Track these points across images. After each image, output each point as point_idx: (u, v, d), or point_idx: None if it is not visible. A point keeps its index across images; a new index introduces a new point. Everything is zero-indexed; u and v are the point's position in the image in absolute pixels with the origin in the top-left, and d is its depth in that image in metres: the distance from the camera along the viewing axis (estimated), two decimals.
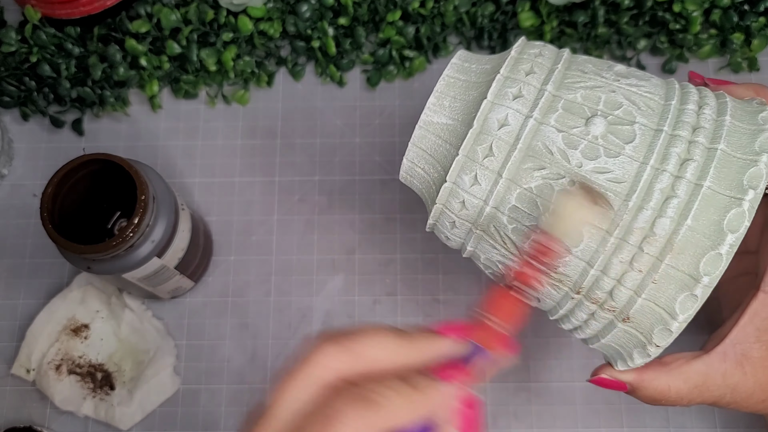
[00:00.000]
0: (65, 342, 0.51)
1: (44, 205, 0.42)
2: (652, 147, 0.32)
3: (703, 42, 0.55)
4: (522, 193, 0.33)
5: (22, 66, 0.57)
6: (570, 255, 0.32)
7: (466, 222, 0.35)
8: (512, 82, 0.34)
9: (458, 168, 0.34)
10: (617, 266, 0.32)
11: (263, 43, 0.58)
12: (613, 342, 0.34)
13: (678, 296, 0.31)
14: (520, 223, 0.33)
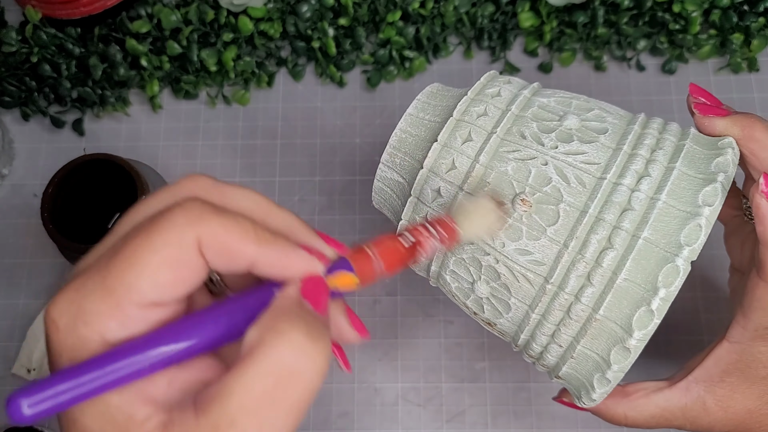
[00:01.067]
0: None
1: (45, 205, 0.42)
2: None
3: (702, 42, 0.55)
4: (497, 175, 0.34)
5: (23, 66, 0.57)
6: (544, 236, 0.33)
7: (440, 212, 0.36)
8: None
9: (435, 155, 0.36)
10: (594, 245, 0.32)
11: (263, 43, 0.58)
12: (588, 348, 0.33)
13: (659, 270, 0.31)
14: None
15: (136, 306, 0.22)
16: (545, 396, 0.50)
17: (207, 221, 0.23)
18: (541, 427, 0.50)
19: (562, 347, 0.34)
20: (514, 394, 0.51)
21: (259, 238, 0.23)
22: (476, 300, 0.36)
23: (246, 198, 0.26)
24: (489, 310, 0.36)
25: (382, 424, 0.51)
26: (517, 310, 0.34)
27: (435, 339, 0.52)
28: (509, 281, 0.34)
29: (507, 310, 0.35)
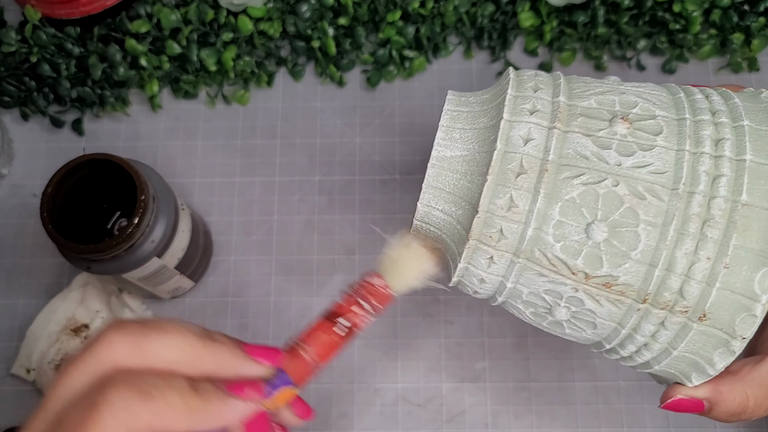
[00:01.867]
0: (65, 342, 0.51)
1: (44, 205, 0.42)
2: (681, 134, 0.30)
3: (703, 42, 0.55)
4: (565, 205, 0.30)
5: (22, 66, 0.57)
6: (629, 260, 0.30)
7: (506, 253, 0.32)
8: (523, 99, 0.32)
9: (489, 194, 0.31)
10: (682, 260, 0.30)
11: (263, 43, 0.58)
12: (687, 352, 0.32)
13: (755, 275, 0.29)
14: (567, 239, 0.31)
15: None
16: (545, 396, 0.50)
17: (134, 413, 0.23)
18: (541, 426, 0.50)
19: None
20: (514, 394, 0.51)
21: (189, 409, 0.24)
22: (554, 322, 0.34)
23: (170, 348, 0.25)
24: (570, 329, 0.34)
25: (382, 425, 0.50)
26: (603, 327, 0.33)
27: (435, 339, 0.52)
28: (594, 306, 0.32)
29: (592, 327, 0.33)
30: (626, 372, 0.51)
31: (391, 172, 0.56)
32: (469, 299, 0.52)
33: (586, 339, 0.34)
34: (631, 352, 0.33)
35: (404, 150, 0.57)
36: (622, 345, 0.33)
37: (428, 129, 0.57)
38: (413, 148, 0.57)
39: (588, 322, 0.33)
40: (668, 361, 0.32)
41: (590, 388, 0.50)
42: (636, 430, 0.50)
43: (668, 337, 0.31)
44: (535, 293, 0.33)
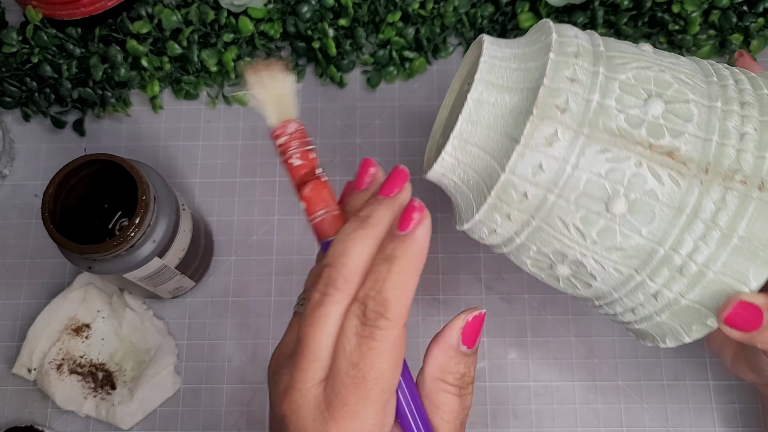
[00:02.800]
0: (66, 342, 0.52)
1: (45, 205, 0.43)
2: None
3: (702, 43, 0.56)
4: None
5: (24, 67, 0.57)
6: (686, 134, 0.31)
7: (524, 213, 0.33)
8: (564, 65, 0.32)
9: (517, 157, 0.32)
10: (734, 131, 0.31)
11: (264, 43, 0.58)
12: (747, 234, 0.31)
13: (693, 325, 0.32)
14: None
15: (393, 395, 0.28)
16: (545, 395, 0.51)
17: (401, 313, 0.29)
18: (541, 426, 0.50)
19: (642, 315, 0.34)
20: (513, 394, 0.51)
21: (411, 271, 0.30)
22: (553, 276, 0.35)
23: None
24: (566, 284, 0.35)
25: None
26: (597, 290, 0.34)
27: None
28: (596, 270, 0.33)
29: (587, 288, 0.35)
30: (625, 371, 0.51)
31: None
32: (469, 299, 0.53)
33: (579, 294, 0.35)
34: (623, 311, 0.34)
35: (404, 150, 0.57)
36: (611, 305, 0.35)
37: (428, 129, 0.57)
38: (413, 149, 0.57)
39: (587, 285, 0.34)
40: (726, 259, 0.31)
41: (589, 388, 0.51)
42: (635, 430, 0.50)
43: (728, 216, 0.31)
44: (541, 252, 0.34)
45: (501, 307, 0.53)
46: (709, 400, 0.50)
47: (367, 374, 0.26)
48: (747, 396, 0.50)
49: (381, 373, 0.27)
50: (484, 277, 0.53)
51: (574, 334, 0.52)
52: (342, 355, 0.27)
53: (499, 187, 0.32)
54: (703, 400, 0.50)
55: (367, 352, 0.27)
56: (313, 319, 0.27)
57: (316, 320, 0.27)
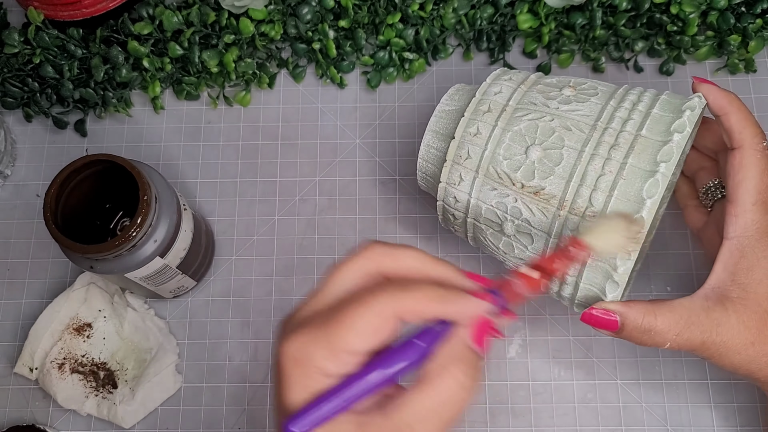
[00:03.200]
0: (68, 341, 0.52)
1: (47, 206, 0.43)
2: (575, 167, 0.40)
3: (700, 44, 0.56)
4: (487, 208, 0.43)
5: (25, 67, 0.58)
6: (552, 176, 0.40)
7: (470, 170, 0.43)
8: (472, 122, 0.44)
9: (442, 192, 0.45)
10: (592, 173, 0.39)
11: (264, 44, 0.58)
12: (591, 276, 0.40)
13: (643, 185, 0.38)
14: (492, 229, 0.44)
15: (347, 354, 0.30)
16: (544, 395, 0.51)
17: (401, 299, 0.31)
18: (540, 425, 0.50)
19: (570, 283, 0.41)
20: (512, 392, 0.51)
21: (441, 297, 0.31)
22: (507, 242, 0.43)
23: (412, 258, 0.33)
24: (518, 248, 0.43)
25: None
26: (538, 239, 0.41)
27: None
28: (528, 215, 0.41)
29: (530, 241, 0.42)
30: (624, 370, 0.51)
31: (390, 172, 0.56)
32: None
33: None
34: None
35: (404, 151, 0.57)
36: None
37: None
38: (413, 149, 0.57)
39: (527, 236, 0.42)
40: (586, 273, 0.40)
41: (588, 387, 0.51)
42: (634, 429, 0.50)
43: None
44: (490, 209, 0.43)
45: None
46: (707, 399, 0.50)
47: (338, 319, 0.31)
48: (745, 395, 0.50)
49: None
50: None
51: (573, 333, 0.52)
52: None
53: (452, 150, 0.44)
54: (701, 399, 0.50)
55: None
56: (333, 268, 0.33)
57: (335, 269, 0.33)
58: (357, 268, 0.33)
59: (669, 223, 0.54)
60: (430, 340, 0.32)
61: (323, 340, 0.31)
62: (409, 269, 0.33)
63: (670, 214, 0.54)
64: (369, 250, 0.33)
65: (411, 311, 0.31)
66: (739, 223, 0.39)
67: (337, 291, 0.33)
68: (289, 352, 0.31)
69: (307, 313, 0.33)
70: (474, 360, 0.32)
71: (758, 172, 0.40)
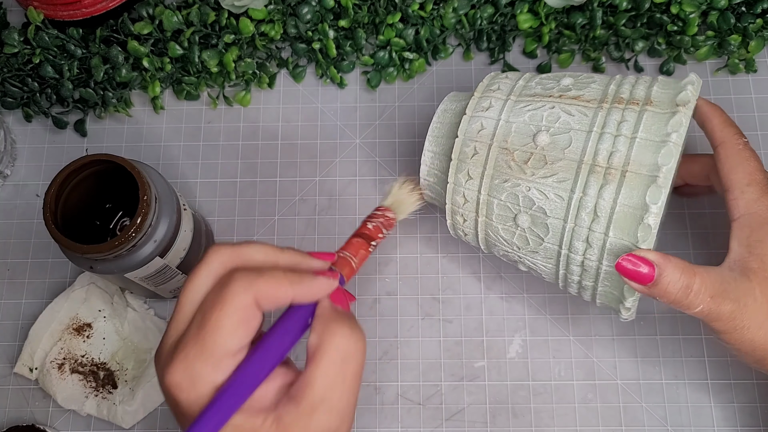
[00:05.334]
0: (68, 341, 0.52)
1: (47, 206, 0.43)
2: (585, 147, 0.40)
3: (700, 44, 0.56)
4: (518, 125, 0.43)
5: (25, 67, 0.58)
6: (563, 160, 0.41)
7: (478, 166, 0.44)
8: (475, 120, 0.44)
9: (465, 124, 0.45)
10: (603, 152, 0.40)
11: (264, 44, 0.58)
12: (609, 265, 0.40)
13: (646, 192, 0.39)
14: (520, 148, 0.43)
15: (228, 357, 0.31)
16: (544, 395, 0.51)
17: (255, 284, 0.31)
18: (540, 425, 0.50)
19: (591, 273, 0.42)
20: (513, 393, 0.51)
21: (291, 281, 0.32)
22: (521, 237, 0.43)
23: (258, 252, 0.34)
24: (533, 240, 0.43)
25: (382, 423, 0.51)
26: (554, 228, 0.41)
27: (434, 338, 0.52)
28: (543, 203, 0.41)
29: (546, 232, 0.42)
30: (624, 371, 0.51)
31: (390, 172, 0.56)
32: (468, 299, 0.53)
33: (549, 252, 0.43)
34: (579, 262, 0.41)
35: (404, 151, 0.57)
36: (571, 250, 0.41)
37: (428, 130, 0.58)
38: (413, 149, 0.57)
39: (543, 226, 0.42)
40: (604, 276, 0.41)
41: (588, 387, 0.51)
42: (634, 429, 0.50)
43: (597, 250, 0.40)
44: (501, 203, 0.43)
45: (500, 307, 0.53)
46: (707, 400, 0.50)
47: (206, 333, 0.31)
48: (745, 395, 0.50)
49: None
50: (483, 276, 0.53)
51: (573, 333, 0.52)
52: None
53: (457, 149, 0.44)
54: (701, 399, 0.50)
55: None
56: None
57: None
58: (205, 275, 0.33)
59: (669, 224, 0.54)
60: (299, 319, 0.34)
61: (199, 354, 0.31)
62: (256, 263, 0.33)
63: (671, 214, 0.54)
64: (212, 254, 0.33)
65: (267, 296, 0.32)
66: (740, 204, 0.41)
67: (193, 305, 0.33)
68: (173, 381, 0.31)
69: (173, 338, 0.32)
70: (347, 315, 0.34)
71: (744, 158, 0.42)
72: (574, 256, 0.41)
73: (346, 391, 0.32)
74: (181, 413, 0.31)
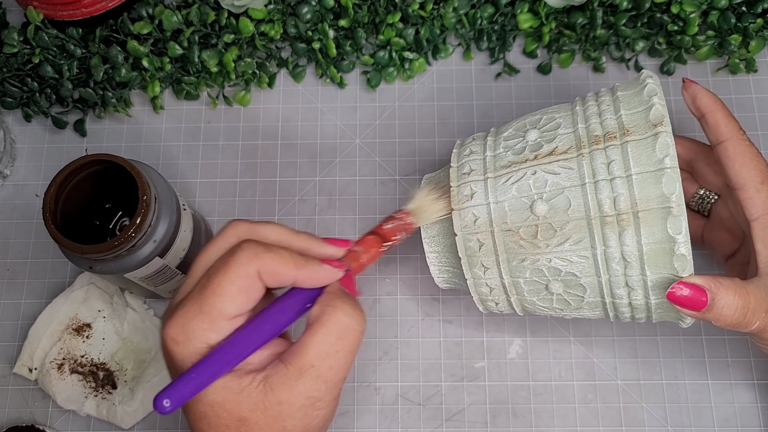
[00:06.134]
0: (67, 341, 0.52)
1: (47, 206, 0.43)
2: (586, 202, 0.39)
3: (700, 43, 0.56)
4: (510, 203, 0.41)
5: (25, 67, 0.58)
6: (570, 221, 0.39)
7: (491, 257, 0.42)
8: (465, 213, 0.42)
9: (457, 219, 0.42)
10: (607, 202, 0.39)
11: (264, 44, 0.58)
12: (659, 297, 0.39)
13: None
14: (522, 224, 0.41)
15: (225, 320, 0.32)
16: (544, 395, 0.51)
17: (261, 257, 0.33)
18: (540, 426, 0.50)
19: (642, 309, 0.41)
20: (513, 393, 0.51)
21: (296, 263, 0.34)
22: (560, 300, 0.42)
23: (273, 231, 0.35)
24: (573, 300, 0.42)
25: (382, 423, 0.51)
26: (590, 285, 0.40)
27: (434, 338, 0.52)
28: (569, 267, 0.40)
29: (583, 290, 0.41)
30: (624, 371, 0.51)
31: (390, 172, 0.56)
32: (468, 300, 0.53)
33: (593, 304, 0.42)
34: (627, 303, 0.40)
35: (404, 151, 0.57)
36: (615, 297, 0.40)
37: (428, 130, 0.58)
38: (413, 149, 0.57)
39: (578, 286, 0.40)
40: (656, 306, 0.40)
41: (588, 387, 0.51)
42: (634, 429, 0.50)
43: (640, 290, 0.39)
44: (528, 281, 0.41)
45: None
46: (708, 400, 0.50)
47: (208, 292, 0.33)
48: (745, 395, 0.50)
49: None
50: None
51: (573, 334, 0.52)
52: None
53: (461, 247, 0.42)
54: (702, 399, 0.50)
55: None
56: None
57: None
58: (220, 245, 0.35)
59: None
60: (300, 294, 0.35)
61: (197, 313, 0.32)
62: (270, 241, 0.34)
63: None
64: (231, 227, 0.35)
65: (270, 272, 0.33)
66: (756, 203, 0.41)
67: (203, 271, 0.34)
68: (170, 334, 0.32)
69: (181, 296, 0.34)
70: (353, 298, 0.34)
71: (753, 156, 0.42)
72: (620, 301, 0.40)
73: (337, 364, 0.33)
74: (173, 366, 0.33)
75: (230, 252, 0.33)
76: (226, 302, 0.32)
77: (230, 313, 0.32)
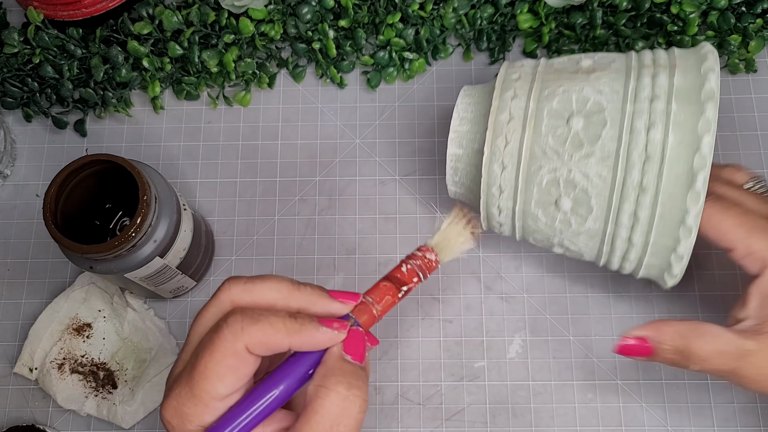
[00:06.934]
0: (68, 341, 0.52)
1: (47, 206, 0.43)
2: (621, 127, 0.40)
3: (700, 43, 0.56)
4: (550, 110, 0.42)
5: (25, 67, 0.58)
6: (601, 139, 0.41)
7: (513, 156, 0.43)
8: (502, 110, 0.44)
9: (493, 116, 0.44)
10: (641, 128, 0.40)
11: (264, 44, 0.58)
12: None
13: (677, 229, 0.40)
14: (555, 132, 0.42)
15: (217, 401, 0.31)
16: (544, 395, 0.51)
17: (248, 331, 0.31)
18: (540, 425, 0.50)
19: (637, 246, 0.42)
20: (513, 393, 0.51)
21: (288, 330, 0.31)
22: (563, 220, 0.43)
23: (271, 289, 0.33)
24: (576, 222, 0.42)
25: (382, 423, 0.51)
26: (598, 207, 0.41)
27: (434, 338, 0.52)
28: (586, 184, 0.41)
29: (589, 211, 0.42)
30: (624, 371, 0.51)
31: (390, 172, 0.56)
32: (468, 299, 0.53)
33: (592, 232, 0.42)
34: (626, 238, 0.42)
35: (404, 151, 0.57)
36: (618, 225, 0.41)
37: (428, 130, 0.58)
38: (413, 149, 0.57)
39: (587, 206, 0.41)
40: (651, 250, 0.41)
41: (588, 387, 0.51)
42: (634, 429, 0.50)
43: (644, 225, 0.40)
44: (541, 189, 0.42)
45: (500, 307, 0.53)
46: (708, 400, 0.50)
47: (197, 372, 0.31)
48: (745, 395, 0.50)
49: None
50: (483, 276, 0.53)
51: (573, 333, 0.52)
52: None
53: (488, 141, 0.43)
54: (701, 399, 0.50)
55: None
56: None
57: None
58: (214, 311, 0.33)
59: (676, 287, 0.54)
60: (300, 360, 0.32)
61: (189, 396, 0.31)
62: (268, 302, 0.33)
63: None
64: (224, 290, 0.33)
65: (259, 344, 0.31)
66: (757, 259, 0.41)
67: (197, 339, 0.33)
68: (165, 417, 0.31)
69: (179, 368, 0.33)
70: (353, 369, 0.31)
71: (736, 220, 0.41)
72: (621, 231, 0.41)
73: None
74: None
75: (215, 327, 0.32)
76: (215, 384, 0.31)
77: (221, 394, 0.31)
